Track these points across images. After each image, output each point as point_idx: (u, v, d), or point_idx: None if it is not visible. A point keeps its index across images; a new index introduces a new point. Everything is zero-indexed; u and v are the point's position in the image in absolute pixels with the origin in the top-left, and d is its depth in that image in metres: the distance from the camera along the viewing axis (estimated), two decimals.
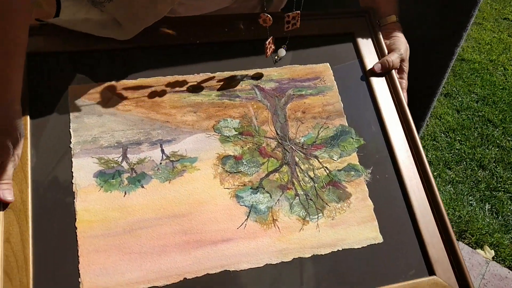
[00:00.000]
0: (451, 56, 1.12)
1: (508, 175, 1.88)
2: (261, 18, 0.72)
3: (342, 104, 0.79)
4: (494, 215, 1.74)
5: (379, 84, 0.81)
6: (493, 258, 1.60)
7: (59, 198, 0.63)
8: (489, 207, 1.77)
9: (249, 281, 0.64)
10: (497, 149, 2.00)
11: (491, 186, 1.84)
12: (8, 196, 0.60)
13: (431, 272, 0.70)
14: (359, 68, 0.82)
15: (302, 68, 0.81)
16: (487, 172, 1.90)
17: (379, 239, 0.70)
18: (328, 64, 0.82)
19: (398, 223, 0.72)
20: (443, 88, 2.30)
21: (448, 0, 0.82)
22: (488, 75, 2.42)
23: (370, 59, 0.83)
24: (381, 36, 0.84)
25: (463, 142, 2.02)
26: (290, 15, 0.73)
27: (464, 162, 1.92)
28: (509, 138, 2.05)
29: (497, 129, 2.10)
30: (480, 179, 1.87)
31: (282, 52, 0.79)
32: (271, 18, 0.72)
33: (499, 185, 1.84)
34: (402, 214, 0.73)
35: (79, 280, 0.59)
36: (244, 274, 0.64)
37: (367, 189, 0.73)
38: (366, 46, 0.84)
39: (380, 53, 0.83)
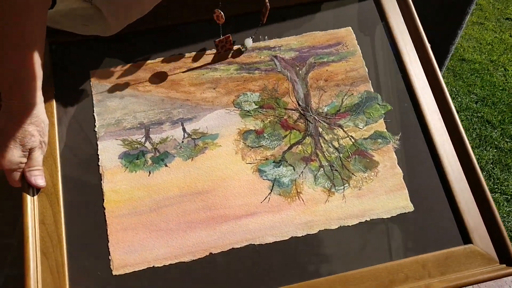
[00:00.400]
0: (446, 54, 1.14)
1: (505, 177, 1.82)
2: (215, 14, 0.69)
3: (367, 69, 0.75)
4: None
5: (406, 46, 0.76)
6: None
7: (87, 180, 0.66)
8: None
9: (275, 253, 0.64)
10: (495, 150, 1.93)
11: (487, 187, 1.76)
12: (40, 181, 0.63)
13: (467, 240, 0.66)
14: (383, 30, 0.78)
15: (322, 34, 0.78)
16: (484, 173, 1.84)
17: (409, 207, 0.68)
18: (350, 28, 0.78)
19: (430, 191, 0.69)
20: None
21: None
22: (488, 76, 2.32)
23: (395, 18, 0.78)
24: None
25: None
26: (223, 39, 0.71)
27: None
28: (507, 140, 1.97)
29: (496, 131, 2.02)
30: None
31: (248, 42, 0.74)
32: (223, 15, 0.69)
33: (496, 186, 1.79)
34: (434, 181, 0.69)
35: (109, 258, 0.62)
36: (269, 248, 0.64)
37: (395, 156, 0.70)
38: (390, 3, 0.79)
39: (406, 10, 0.78)
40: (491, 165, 1.87)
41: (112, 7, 0.65)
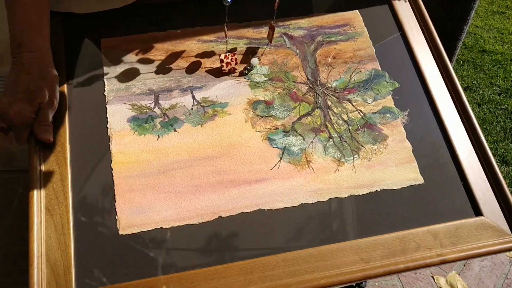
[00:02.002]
0: (453, 51, 1.15)
1: None
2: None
3: (374, 49, 0.77)
4: None
5: (412, 28, 0.79)
6: None
7: (95, 142, 0.65)
8: None
9: (284, 219, 0.63)
10: None
11: None
12: (49, 136, 0.62)
13: (477, 213, 0.66)
14: (389, 13, 0.80)
15: (330, 16, 0.79)
16: (510, 167, 1.77)
17: (419, 180, 0.67)
18: (357, 11, 0.80)
19: (439, 164, 0.69)
20: (463, 82, 2.18)
21: None
22: None
23: (401, 3, 0.80)
24: None
25: (484, 137, 1.90)
26: (228, 56, 0.71)
27: None
28: None
29: None
30: (503, 175, 1.71)
31: (255, 61, 0.74)
32: (226, 31, 0.71)
33: None
34: (443, 155, 0.70)
35: (116, 218, 0.60)
36: (279, 213, 0.63)
37: (404, 131, 0.71)
38: None
39: None
40: None
41: None
